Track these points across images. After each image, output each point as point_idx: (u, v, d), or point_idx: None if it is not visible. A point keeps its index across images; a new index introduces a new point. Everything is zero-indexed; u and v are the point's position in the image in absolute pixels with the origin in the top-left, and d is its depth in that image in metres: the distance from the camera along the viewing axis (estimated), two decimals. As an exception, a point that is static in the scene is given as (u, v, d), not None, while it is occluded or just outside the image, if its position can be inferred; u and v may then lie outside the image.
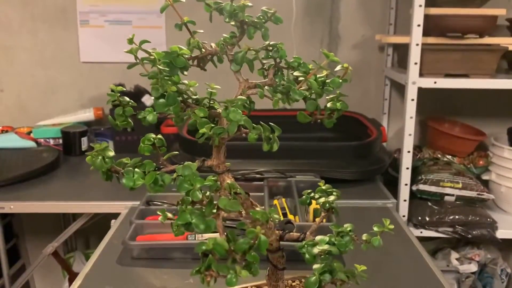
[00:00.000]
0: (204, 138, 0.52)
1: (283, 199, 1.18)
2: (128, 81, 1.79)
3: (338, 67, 0.58)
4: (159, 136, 0.58)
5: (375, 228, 0.62)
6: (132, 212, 1.08)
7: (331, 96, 0.58)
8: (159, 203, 1.13)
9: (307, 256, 0.56)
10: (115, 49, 1.87)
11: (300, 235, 0.59)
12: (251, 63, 0.54)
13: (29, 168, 1.46)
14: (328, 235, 0.59)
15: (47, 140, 1.74)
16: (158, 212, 0.59)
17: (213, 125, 0.52)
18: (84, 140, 1.71)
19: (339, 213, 0.67)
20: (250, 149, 1.37)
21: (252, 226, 0.52)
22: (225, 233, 0.51)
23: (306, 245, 0.56)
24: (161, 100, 0.52)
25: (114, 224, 1.14)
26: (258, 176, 1.28)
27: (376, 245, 0.61)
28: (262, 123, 0.56)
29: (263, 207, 0.63)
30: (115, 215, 1.21)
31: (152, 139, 0.57)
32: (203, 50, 0.55)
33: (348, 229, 0.61)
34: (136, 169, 0.54)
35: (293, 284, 0.68)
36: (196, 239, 0.97)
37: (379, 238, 0.61)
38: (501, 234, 1.50)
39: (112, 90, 0.55)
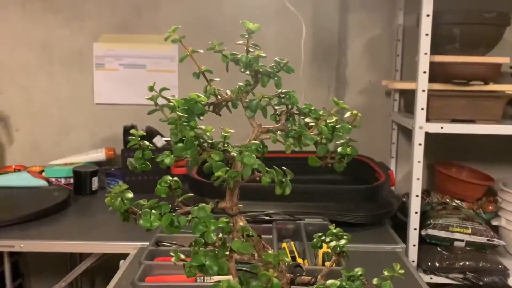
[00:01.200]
0: (220, 181, 0.54)
1: (292, 242, 1.18)
2: (139, 122, 1.83)
3: (348, 114, 0.61)
4: (175, 178, 0.60)
5: (386, 273, 0.62)
6: (141, 253, 1.08)
7: (341, 141, 0.60)
8: (168, 244, 1.13)
9: None
10: (128, 91, 1.93)
11: (312, 279, 0.59)
12: (265, 110, 0.57)
13: (39, 207, 1.48)
14: (339, 279, 0.60)
15: (59, 179, 1.77)
16: (171, 253, 0.60)
17: (228, 169, 0.54)
18: (95, 180, 1.73)
19: (350, 257, 0.67)
20: (259, 191, 1.38)
21: (264, 269, 0.53)
22: (238, 276, 0.52)
23: None
24: (180, 145, 0.54)
25: (123, 264, 1.14)
26: (266, 218, 1.28)
27: None
28: (275, 167, 0.58)
29: (272, 249, 0.64)
30: (124, 256, 1.21)
31: (168, 181, 0.58)
32: (219, 97, 0.57)
33: (359, 273, 0.61)
34: (153, 211, 0.55)
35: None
36: (205, 281, 0.97)
37: (390, 283, 0.62)
38: (513, 281, 1.48)
39: (133, 134, 0.58)
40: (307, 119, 0.60)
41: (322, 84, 1.91)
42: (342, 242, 0.66)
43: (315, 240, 0.68)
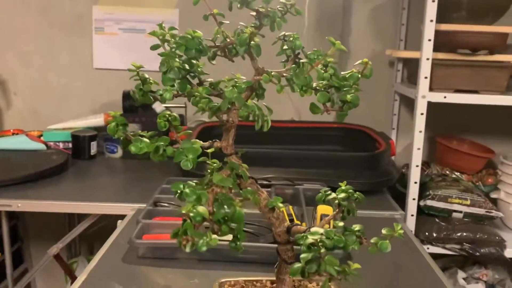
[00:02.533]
0: (202, 112, 0.54)
1: (290, 206, 1.17)
2: (139, 88, 1.81)
3: (358, 62, 0.59)
4: (174, 113, 0.59)
5: (384, 232, 0.60)
6: (139, 213, 1.08)
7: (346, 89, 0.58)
8: (166, 205, 1.13)
9: (303, 247, 0.55)
10: (127, 56, 1.90)
11: (307, 229, 0.59)
12: (258, 49, 0.55)
13: (37, 169, 1.47)
14: (330, 229, 0.58)
15: (57, 143, 1.76)
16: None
17: (210, 101, 0.54)
18: (94, 145, 1.72)
19: (355, 212, 0.65)
20: (260, 157, 1.38)
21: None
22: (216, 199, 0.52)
23: (304, 236, 0.56)
24: (167, 75, 0.54)
25: (121, 224, 1.14)
26: (266, 182, 1.27)
27: (384, 249, 0.59)
28: (255, 103, 0.56)
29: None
30: (122, 217, 1.21)
31: (167, 115, 0.58)
32: (228, 40, 0.56)
33: (356, 229, 0.60)
34: (144, 138, 0.55)
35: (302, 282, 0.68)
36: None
37: (388, 242, 0.59)
38: (509, 253, 1.48)
39: (133, 66, 0.57)
40: (303, 61, 0.58)
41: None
42: (342, 195, 0.64)
43: (320, 193, 0.66)
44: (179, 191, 0.52)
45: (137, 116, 1.74)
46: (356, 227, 0.60)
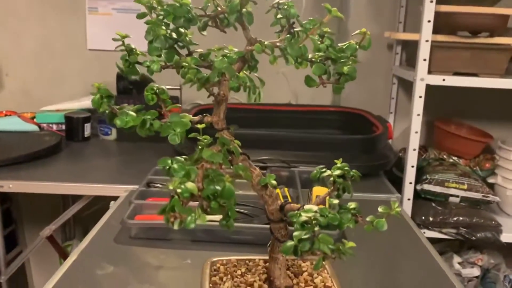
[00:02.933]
0: (190, 85, 0.51)
1: (286, 188, 1.16)
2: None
3: (356, 32, 0.56)
4: (163, 86, 0.56)
5: (380, 209, 0.58)
6: (132, 195, 1.06)
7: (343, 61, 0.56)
8: (159, 186, 1.11)
9: (296, 225, 0.54)
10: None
11: (301, 206, 0.57)
12: (250, 17, 0.52)
13: (29, 150, 1.45)
14: (325, 207, 0.57)
15: (50, 125, 1.73)
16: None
17: (198, 72, 0.51)
18: (87, 127, 1.70)
19: (351, 190, 0.63)
20: (256, 139, 1.36)
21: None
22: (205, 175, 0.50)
23: (297, 214, 0.54)
24: (153, 44, 0.52)
25: (114, 205, 1.12)
26: (261, 164, 1.26)
27: (380, 228, 0.57)
28: (246, 74, 0.54)
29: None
30: (115, 199, 1.19)
31: (154, 88, 0.55)
32: (219, 8, 0.53)
33: (352, 206, 0.58)
34: (130, 112, 0.53)
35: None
36: (196, 220, 0.95)
37: (384, 221, 0.58)
38: (505, 238, 1.48)
39: (119, 36, 0.55)
40: (297, 29, 0.55)
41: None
42: (337, 172, 0.63)
43: (315, 171, 0.65)
44: (167, 167, 0.50)
45: (131, 98, 1.71)
46: (352, 205, 0.59)
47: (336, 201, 0.58)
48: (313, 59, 0.54)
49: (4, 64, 1.91)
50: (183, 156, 0.52)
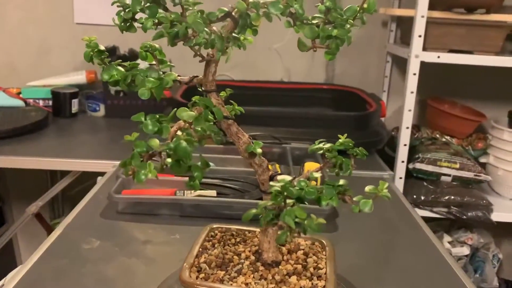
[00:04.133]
0: (170, 41, 0.49)
1: (277, 165, 1.14)
2: (122, 44, 1.74)
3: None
4: (157, 45, 0.54)
5: (367, 189, 0.54)
6: (120, 170, 1.04)
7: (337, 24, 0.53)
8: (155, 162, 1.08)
9: (271, 196, 0.51)
10: (110, 11, 1.80)
11: (293, 178, 0.55)
12: None
13: (15, 125, 1.42)
14: (304, 179, 0.54)
15: (37, 100, 1.69)
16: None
17: (173, 30, 0.49)
18: (75, 102, 1.66)
19: (350, 168, 0.59)
20: (247, 115, 1.33)
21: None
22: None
23: (273, 185, 0.51)
24: None
25: (101, 180, 1.10)
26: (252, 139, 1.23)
27: (366, 210, 0.53)
28: (219, 31, 0.51)
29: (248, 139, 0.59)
30: (103, 175, 1.16)
31: (147, 45, 0.53)
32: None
33: (338, 183, 0.55)
34: (118, 67, 0.51)
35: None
36: (185, 195, 0.93)
37: (370, 202, 0.54)
38: (496, 217, 1.48)
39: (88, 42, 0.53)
40: None
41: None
42: (327, 145, 0.60)
43: (315, 145, 0.61)
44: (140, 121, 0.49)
45: (120, 73, 1.67)
46: (339, 182, 0.55)
47: (318, 175, 0.56)
48: (306, 21, 0.51)
49: (-12, 37, 1.86)
50: (160, 114, 0.50)
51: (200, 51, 0.51)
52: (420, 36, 1.37)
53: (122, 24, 0.52)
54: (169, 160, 0.48)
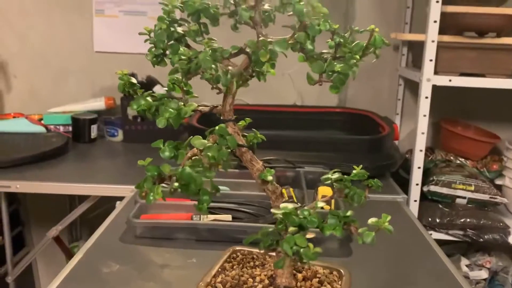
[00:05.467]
0: (183, 76, 0.53)
1: (291, 189, 1.16)
2: (140, 71, 1.79)
3: (362, 30, 0.56)
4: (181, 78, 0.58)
5: (370, 222, 0.55)
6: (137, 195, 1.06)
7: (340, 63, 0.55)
8: (165, 186, 1.11)
9: (277, 221, 0.54)
10: (128, 39, 1.87)
11: (301, 206, 0.57)
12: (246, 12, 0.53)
13: (37, 151, 1.46)
14: (308, 208, 0.56)
15: (57, 126, 1.74)
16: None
17: (189, 63, 0.53)
18: (94, 128, 1.71)
19: (362, 199, 0.60)
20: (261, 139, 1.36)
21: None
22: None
23: (276, 212, 0.54)
24: (157, 35, 0.55)
25: (120, 205, 1.12)
26: (266, 165, 1.25)
27: (368, 241, 0.54)
28: (223, 67, 0.55)
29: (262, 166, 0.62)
30: (121, 200, 1.19)
31: (174, 78, 0.57)
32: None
33: (344, 214, 0.56)
34: (147, 98, 0.56)
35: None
36: (202, 220, 0.95)
37: (373, 235, 0.54)
38: (513, 240, 1.46)
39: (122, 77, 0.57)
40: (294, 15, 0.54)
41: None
42: (335, 175, 0.62)
43: (327, 175, 0.63)
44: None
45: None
46: (346, 212, 0.57)
47: (320, 204, 0.57)
48: (313, 56, 0.54)
49: (12, 65, 1.93)
50: (178, 142, 0.55)
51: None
52: (431, 60, 1.39)
53: (154, 59, 0.56)
54: (176, 184, 0.52)
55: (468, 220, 1.47)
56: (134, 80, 0.59)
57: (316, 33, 0.51)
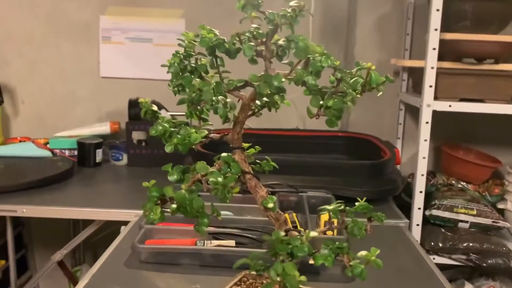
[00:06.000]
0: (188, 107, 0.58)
1: (294, 214, 1.17)
2: (145, 96, 1.81)
3: (358, 68, 0.58)
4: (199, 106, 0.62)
5: (359, 255, 0.57)
6: (143, 219, 1.08)
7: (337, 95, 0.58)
8: (169, 210, 1.12)
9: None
10: (134, 65, 1.91)
11: (300, 233, 0.59)
12: (248, 49, 0.56)
13: (42, 175, 1.48)
14: (300, 236, 0.58)
15: (63, 150, 1.77)
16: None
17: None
18: (99, 152, 1.73)
19: (359, 232, 0.61)
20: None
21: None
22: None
23: (267, 239, 0.58)
24: (171, 69, 0.60)
25: (124, 229, 1.14)
26: (269, 189, 1.27)
27: (356, 275, 0.56)
28: (222, 99, 0.59)
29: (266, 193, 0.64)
30: (126, 224, 1.21)
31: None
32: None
33: (337, 245, 0.58)
34: (165, 124, 0.61)
35: None
36: (205, 245, 0.96)
37: (363, 269, 0.56)
38: (517, 264, 1.46)
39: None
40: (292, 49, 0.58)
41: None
42: (333, 206, 0.64)
43: (332, 208, 0.65)
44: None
45: (143, 124, 1.75)
46: (338, 245, 0.58)
47: (312, 234, 0.59)
48: (314, 90, 0.56)
49: (20, 91, 1.97)
50: (186, 166, 0.59)
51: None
52: (431, 86, 1.42)
53: (175, 88, 0.59)
54: (173, 206, 0.57)
55: (471, 244, 1.47)
56: (155, 107, 0.63)
57: (318, 69, 0.54)
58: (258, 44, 0.56)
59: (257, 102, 0.61)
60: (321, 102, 0.55)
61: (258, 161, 0.67)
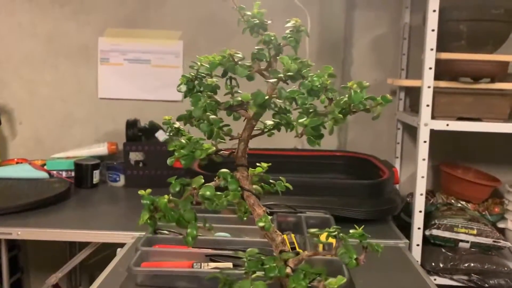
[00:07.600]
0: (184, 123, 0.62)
1: (292, 235, 1.16)
2: (142, 117, 1.82)
3: (351, 83, 0.58)
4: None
5: (327, 283, 0.58)
6: (139, 241, 1.06)
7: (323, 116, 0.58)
8: (166, 232, 1.11)
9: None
10: (132, 86, 1.92)
11: (294, 255, 0.59)
12: (241, 70, 0.58)
13: (39, 197, 1.47)
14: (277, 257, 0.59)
15: (60, 172, 1.76)
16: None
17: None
18: (96, 173, 1.72)
19: (349, 262, 0.60)
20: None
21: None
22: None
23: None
24: (179, 87, 0.63)
25: (120, 252, 1.12)
26: (268, 210, 1.26)
27: None
28: (216, 119, 0.60)
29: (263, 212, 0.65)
30: (122, 246, 1.19)
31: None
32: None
33: (312, 270, 0.59)
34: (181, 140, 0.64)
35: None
36: (202, 267, 0.95)
37: None
38: (519, 284, 1.44)
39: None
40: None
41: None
42: (323, 233, 0.63)
43: (331, 230, 0.65)
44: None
45: (140, 145, 1.74)
46: (316, 270, 0.60)
47: (292, 255, 0.60)
48: (299, 110, 0.57)
49: (18, 112, 1.97)
50: (190, 179, 0.63)
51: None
52: (428, 105, 1.42)
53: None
54: (159, 214, 0.62)
55: (472, 264, 1.46)
56: (177, 124, 0.67)
57: (307, 88, 0.54)
58: (261, 66, 0.57)
59: (268, 122, 0.63)
60: (300, 121, 0.55)
61: (272, 181, 0.68)
